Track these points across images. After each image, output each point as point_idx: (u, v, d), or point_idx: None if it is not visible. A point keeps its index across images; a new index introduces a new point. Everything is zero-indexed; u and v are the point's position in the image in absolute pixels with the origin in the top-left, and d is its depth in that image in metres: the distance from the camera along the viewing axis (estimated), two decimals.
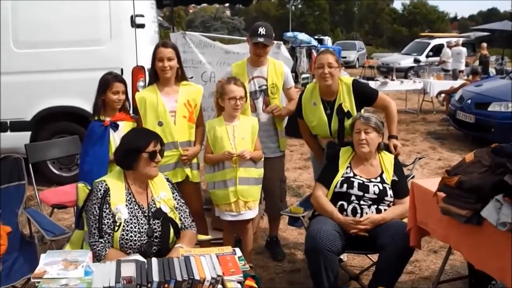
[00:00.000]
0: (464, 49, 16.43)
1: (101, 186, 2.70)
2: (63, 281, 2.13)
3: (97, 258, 2.56)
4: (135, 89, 5.59)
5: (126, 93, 3.76)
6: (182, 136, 3.65)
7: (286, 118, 4.35)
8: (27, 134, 5.96)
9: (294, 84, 4.31)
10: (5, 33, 5.84)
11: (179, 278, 2.08)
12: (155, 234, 2.71)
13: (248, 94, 3.91)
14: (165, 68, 3.58)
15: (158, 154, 2.79)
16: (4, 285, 2.89)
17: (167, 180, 2.98)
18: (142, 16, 5.96)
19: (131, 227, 2.67)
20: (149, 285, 2.05)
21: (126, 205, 2.70)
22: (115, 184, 2.75)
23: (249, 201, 3.64)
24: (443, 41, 20.90)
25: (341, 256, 3.83)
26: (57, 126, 6.13)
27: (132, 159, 2.75)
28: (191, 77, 5.00)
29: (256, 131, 3.71)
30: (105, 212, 2.65)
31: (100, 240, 2.62)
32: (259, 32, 3.89)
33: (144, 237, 2.68)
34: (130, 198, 2.75)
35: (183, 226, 2.87)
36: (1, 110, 5.83)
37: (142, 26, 5.98)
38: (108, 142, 3.60)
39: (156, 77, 3.68)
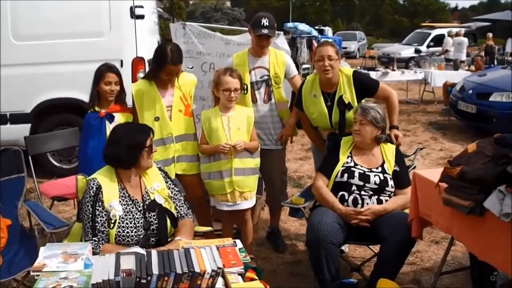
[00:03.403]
0: (465, 39, 16.32)
1: (93, 184, 2.65)
2: (62, 274, 2.12)
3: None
4: (135, 81, 5.55)
5: (121, 84, 3.71)
6: (178, 130, 3.64)
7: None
8: (27, 127, 5.94)
9: (297, 73, 4.25)
10: (4, 25, 5.81)
11: (179, 271, 2.06)
12: (151, 227, 2.68)
13: (249, 85, 3.89)
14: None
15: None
16: (4, 278, 2.88)
17: (159, 169, 2.92)
18: (141, 7, 5.93)
19: (127, 223, 2.63)
20: (149, 278, 2.03)
21: (120, 201, 2.66)
22: (106, 180, 2.68)
23: (245, 192, 3.61)
24: (444, 31, 20.80)
25: (343, 247, 3.83)
26: (57, 118, 6.12)
27: (136, 155, 2.69)
28: (191, 67, 4.98)
29: (252, 121, 3.67)
30: (98, 210, 2.60)
31: (93, 238, 2.58)
32: (262, 24, 3.83)
33: (141, 231, 2.65)
34: (124, 193, 2.70)
35: (179, 215, 2.83)
36: (1, 102, 5.81)
37: (141, 17, 5.95)
38: (105, 134, 3.56)
39: (155, 75, 3.60)
